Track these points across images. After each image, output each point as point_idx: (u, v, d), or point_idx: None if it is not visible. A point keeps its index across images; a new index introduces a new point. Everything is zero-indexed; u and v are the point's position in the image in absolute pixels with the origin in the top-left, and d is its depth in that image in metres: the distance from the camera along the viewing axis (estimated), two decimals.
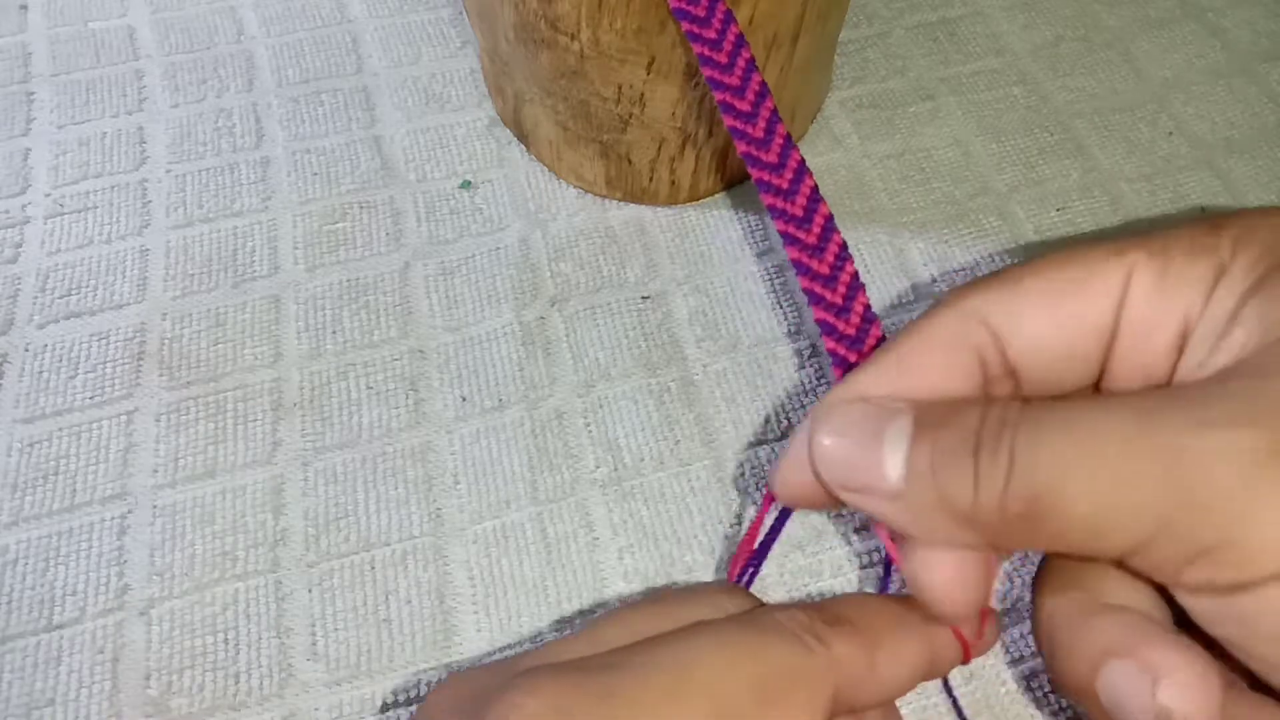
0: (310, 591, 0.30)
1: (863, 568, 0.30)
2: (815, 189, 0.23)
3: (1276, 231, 0.16)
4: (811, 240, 0.22)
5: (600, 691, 0.16)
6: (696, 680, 0.16)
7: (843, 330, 0.21)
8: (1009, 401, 0.16)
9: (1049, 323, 0.17)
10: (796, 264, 0.22)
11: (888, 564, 0.25)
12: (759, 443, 0.33)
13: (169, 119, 0.41)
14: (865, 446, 0.17)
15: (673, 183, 0.37)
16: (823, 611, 0.18)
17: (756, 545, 0.23)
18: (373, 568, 0.30)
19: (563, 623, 0.29)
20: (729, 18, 0.25)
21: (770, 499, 0.21)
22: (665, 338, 0.35)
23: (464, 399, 0.34)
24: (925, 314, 0.18)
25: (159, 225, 0.38)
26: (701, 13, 0.26)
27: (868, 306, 0.21)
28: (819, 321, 0.21)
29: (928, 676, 0.19)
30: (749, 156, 0.23)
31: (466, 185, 0.39)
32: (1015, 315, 0.17)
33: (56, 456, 0.32)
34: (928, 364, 0.17)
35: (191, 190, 0.39)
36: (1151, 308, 0.16)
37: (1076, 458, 0.15)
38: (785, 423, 0.33)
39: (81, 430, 0.33)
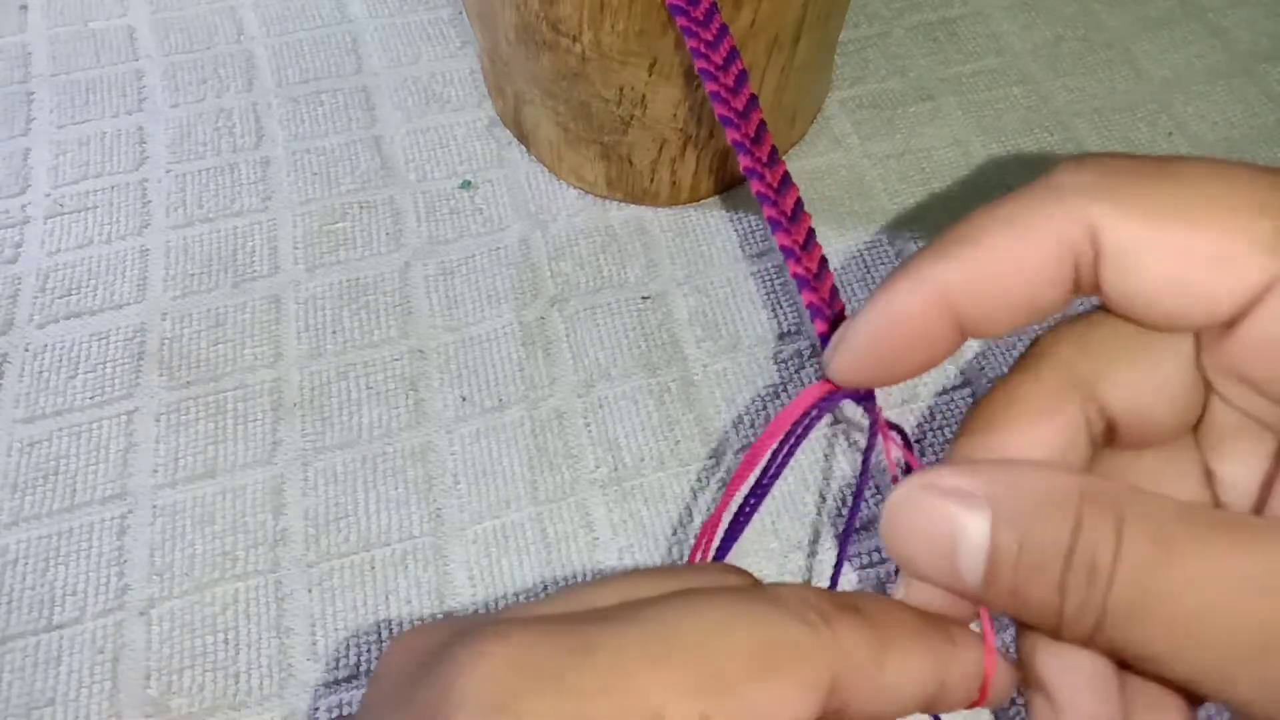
0: (310, 591, 0.30)
1: (863, 568, 0.30)
2: (800, 201, 0.23)
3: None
4: (812, 268, 0.23)
5: (576, 645, 0.15)
6: (684, 641, 0.15)
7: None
8: (1101, 516, 0.15)
9: (1009, 288, 0.16)
10: (786, 250, 0.22)
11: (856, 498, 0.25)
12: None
13: (169, 119, 0.41)
14: (938, 556, 0.16)
15: (673, 184, 0.37)
16: (834, 596, 0.17)
17: (723, 529, 0.23)
18: (373, 568, 0.30)
19: None
20: (724, 30, 0.25)
21: (738, 481, 0.21)
22: (665, 338, 0.35)
23: (464, 399, 0.34)
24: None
25: (159, 225, 0.38)
26: (700, 15, 0.26)
27: (842, 308, 0.22)
28: (809, 306, 0.21)
29: (936, 706, 0.18)
30: (739, 145, 0.23)
31: (467, 185, 0.39)
32: (978, 288, 0.16)
33: (56, 456, 0.32)
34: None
35: (191, 190, 0.39)
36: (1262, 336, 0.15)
37: (1182, 639, 0.14)
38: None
39: (81, 430, 0.33)
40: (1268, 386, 0.15)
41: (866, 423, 0.33)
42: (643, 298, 0.36)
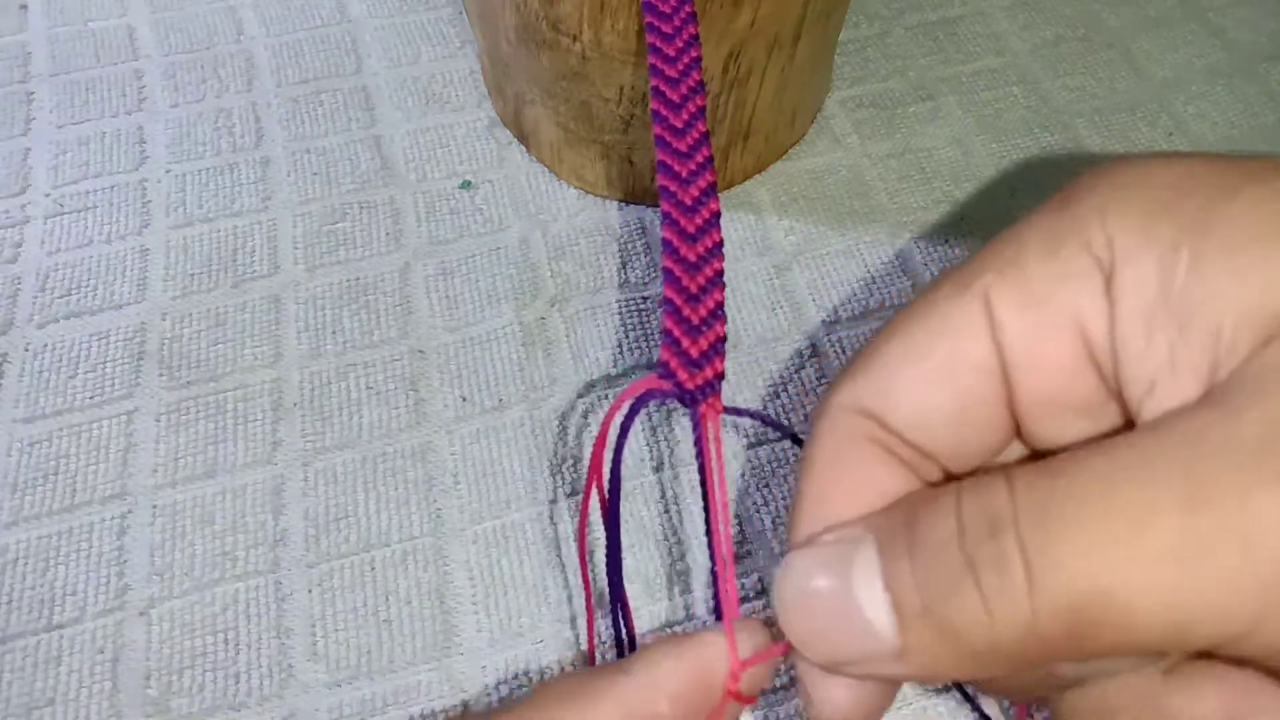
0: (310, 592, 0.30)
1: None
2: (716, 215, 0.22)
3: (1148, 185, 0.13)
4: (691, 257, 0.21)
5: None
6: None
7: (686, 348, 0.19)
8: (983, 481, 0.13)
9: (922, 387, 0.14)
10: (667, 273, 0.20)
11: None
12: (758, 443, 0.33)
13: (169, 119, 0.41)
14: (837, 608, 0.14)
15: None
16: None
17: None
18: (373, 568, 0.30)
19: (562, 623, 0.29)
20: (693, 40, 0.25)
21: (589, 490, 0.20)
22: None
23: (464, 399, 0.34)
24: (810, 436, 0.16)
25: (159, 225, 0.38)
26: (669, 29, 0.25)
27: (721, 339, 0.20)
28: (665, 332, 0.19)
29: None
30: (663, 165, 0.22)
31: (467, 185, 0.39)
32: (885, 391, 0.15)
33: (56, 456, 0.32)
34: (839, 488, 0.15)
35: (191, 190, 0.39)
36: (1031, 336, 0.14)
37: (1122, 548, 0.11)
38: (785, 423, 0.33)
39: (81, 430, 0.33)
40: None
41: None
42: (643, 297, 0.36)
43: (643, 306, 0.36)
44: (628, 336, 0.35)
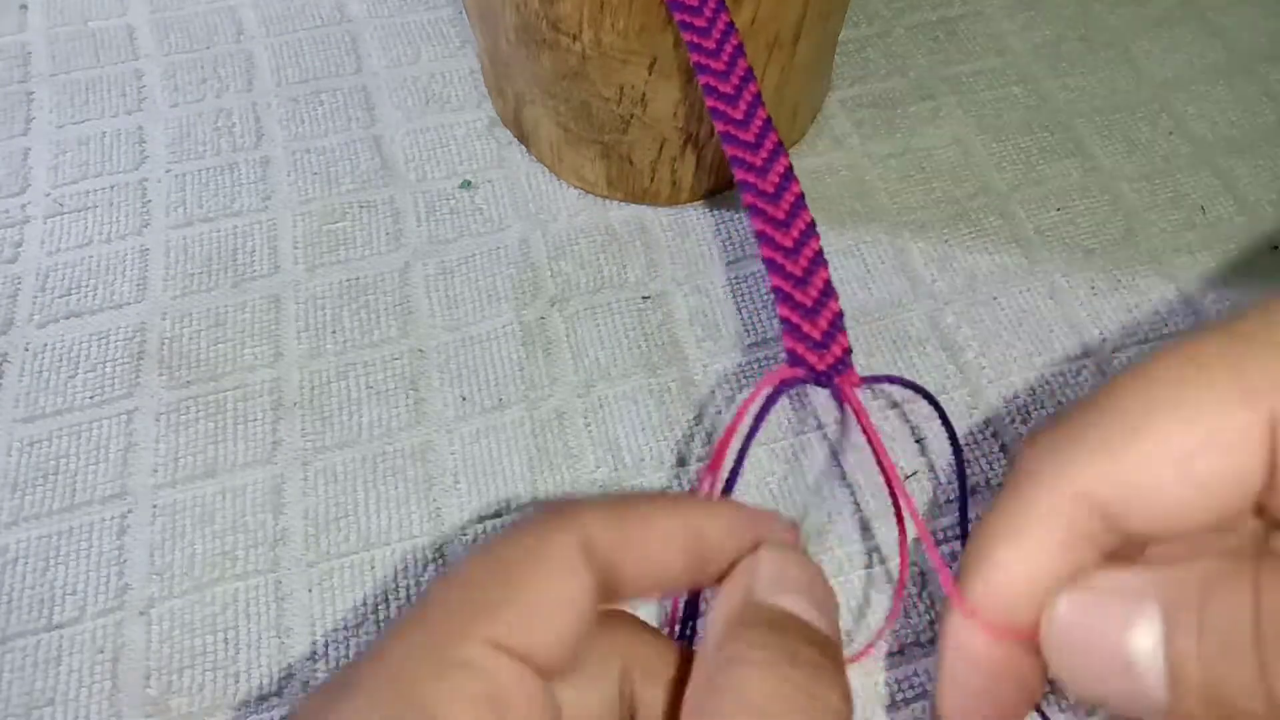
0: (310, 591, 0.30)
1: (865, 568, 0.30)
2: (801, 196, 0.22)
3: None
4: (788, 243, 0.22)
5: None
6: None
7: (807, 331, 0.20)
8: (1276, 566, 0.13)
9: (1178, 495, 0.14)
10: (769, 262, 0.21)
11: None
12: (758, 445, 0.33)
13: (168, 119, 0.41)
14: (1109, 656, 0.14)
15: (674, 183, 0.37)
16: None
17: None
18: (372, 568, 0.30)
19: None
20: (730, 29, 0.25)
21: (714, 466, 0.21)
22: (665, 338, 0.35)
23: (464, 399, 0.34)
24: (1014, 495, 0.16)
25: (159, 225, 0.38)
26: (703, 22, 0.25)
27: (839, 315, 0.20)
28: (783, 320, 0.20)
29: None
30: (736, 159, 0.22)
31: (467, 185, 0.39)
32: (1134, 491, 0.15)
33: (56, 456, 0.32)
34: (1025, 563, 0.15)
35: (191, 190, 0.39)
36: None
37: None
38: (785, 424, 0.33)
39: (81, 430, 0.33)
40: None
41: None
42: (643, 297, 0.36)
43: (642, 306, 0.36)
44: (628, 336, 0.35)
